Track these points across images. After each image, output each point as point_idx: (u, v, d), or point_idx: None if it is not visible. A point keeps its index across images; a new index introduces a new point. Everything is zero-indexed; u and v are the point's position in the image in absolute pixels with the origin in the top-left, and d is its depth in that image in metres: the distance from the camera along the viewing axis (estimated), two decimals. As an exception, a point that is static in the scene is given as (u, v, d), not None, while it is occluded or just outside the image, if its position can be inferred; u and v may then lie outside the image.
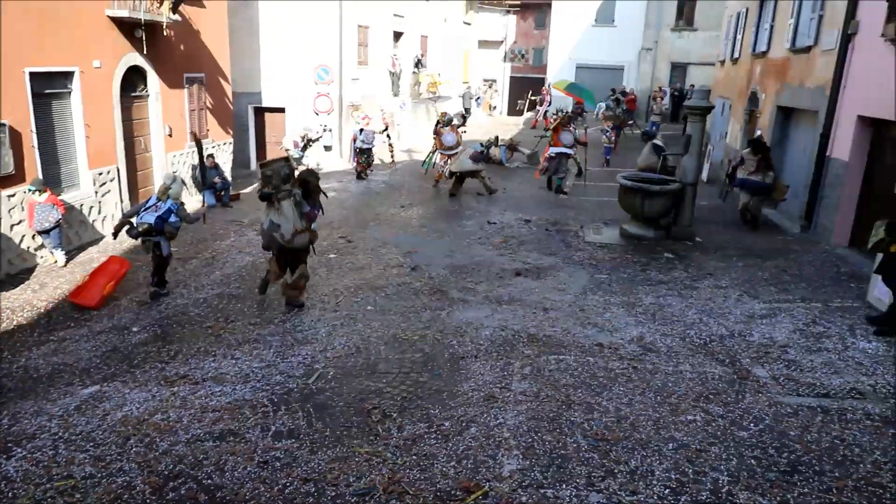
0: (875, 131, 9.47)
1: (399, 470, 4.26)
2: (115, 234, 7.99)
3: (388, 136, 16.68)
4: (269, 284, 7.77)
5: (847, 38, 9.95)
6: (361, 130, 15.84)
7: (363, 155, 15.94)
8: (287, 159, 7.53)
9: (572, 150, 14.22)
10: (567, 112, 17.27)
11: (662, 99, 27.45)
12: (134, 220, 7.78)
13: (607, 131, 18.68)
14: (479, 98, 31.27)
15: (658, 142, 13.68)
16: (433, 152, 15.01)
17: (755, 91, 14.73)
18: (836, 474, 4.22)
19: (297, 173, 7.45)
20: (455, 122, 15.45)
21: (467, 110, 30.18)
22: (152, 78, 12.21)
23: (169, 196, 7.80)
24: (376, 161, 16.74)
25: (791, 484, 4.11)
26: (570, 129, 14.61)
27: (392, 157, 17.29)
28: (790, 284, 8.20)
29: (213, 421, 4.95)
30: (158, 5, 11.36)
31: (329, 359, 6.06)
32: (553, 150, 14.30)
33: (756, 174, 11.07)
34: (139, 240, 7.90)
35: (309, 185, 7.37)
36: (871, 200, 9.41)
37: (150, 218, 7.65)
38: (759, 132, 13.50)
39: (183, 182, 8.99)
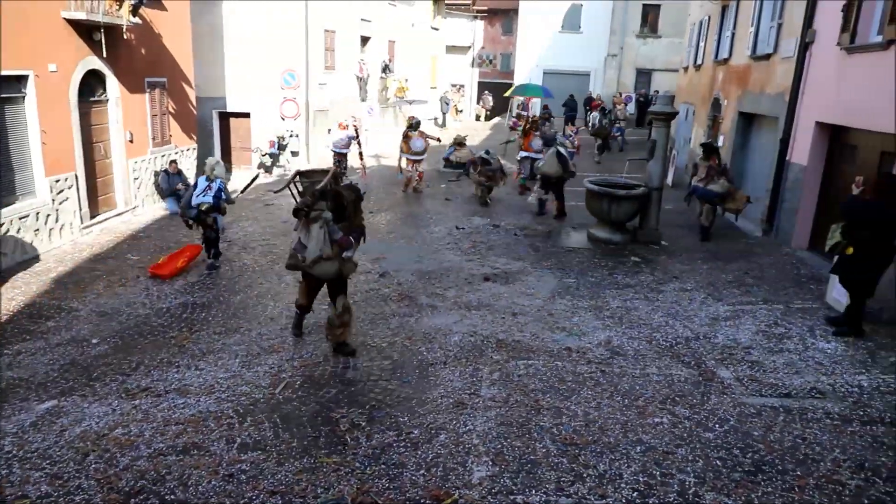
0: (832, 137, 9.73)
1: (368, 480, 4.21)
2: (192, 225, 9.17)
3: (358, 142, 16.54)
4: (302, 320, 6.65)
5: (805, 47, 10.21)
6: (330, 131, 16.03)
7: (337, 160, 15.96)
8: (336, 175, 6.11)
9: (540, 154, 14.35)
10: (535, 116, 17.33)
11: (626, 105, 27.79)
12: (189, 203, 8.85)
13: (570, 136, 18.68)
14: (448, 102, 31.36)
15: (563, 150, 12.60)
16: (403, 160, 14.92)
17: (718, 97, 15.03)
18: (798, 473, 4.30)
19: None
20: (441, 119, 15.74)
21: (444, 115, 30.37)
22: (112, 82, 11.95)
23: (217, 176, 8.93)
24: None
25: (755, 483, 4.17)
26: (539, 134, 14.78)
27: (363, 164, 17.06)
28: (753, 287, 8.36)
29: (176, 434, 4.84)
30: (118, 8, 11.12)
31: (296, 367, 5.98)
32: (523, 154, 14.54)
33: (706, 181, 10.67)
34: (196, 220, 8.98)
35: (343, 201, 6.06)
36: (829, 204, 9.65)
37: (208, 199, 8.82)
38: (722, 139, 13.77)
39: (222, 165, 9.70)
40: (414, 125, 14.54)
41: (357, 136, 16.00)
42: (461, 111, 34.89)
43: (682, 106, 18.97)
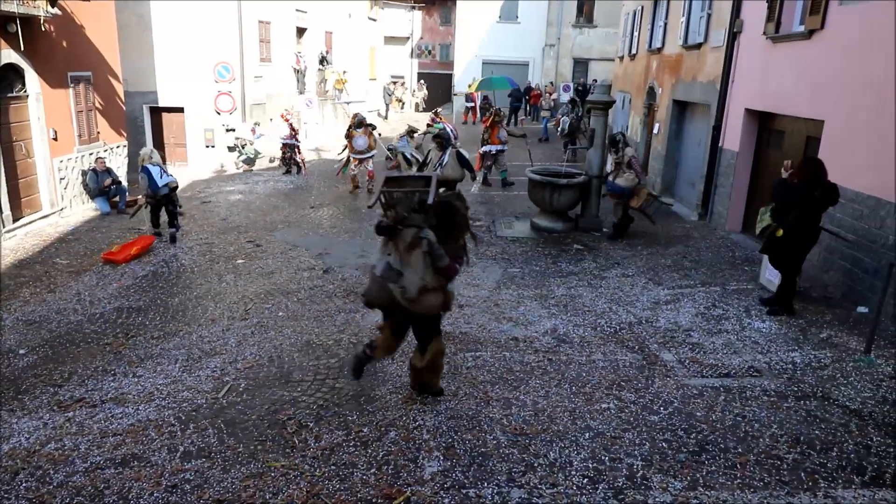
0: (761, 123, 10.09)
1: (318, 482, 4.12)
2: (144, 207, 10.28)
3: (295, 138, 16.31)
4: (369, 361, 5.19)
5: (733, 36, 10.55)
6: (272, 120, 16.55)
7: (287, 151, 16.20)
8: (427, 179, 4.77)
9: (505, 146, 14.41)
10: (500, 109, 17.02)
11: (550, 95, 28.08)
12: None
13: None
14: (391, 93, 31.14)
15: (464, 151, 12.04)
16: (345, 154, 14.46)
17: (652, 86, 15.39)
18: (739, 450, 4.44)
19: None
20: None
21: (388, 106, 30.09)
22: (31, 77, 11.34)
23: (156, 163, 10.06)
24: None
25: (699, 463, 4.28)
26: (504, 126, 14.82)
27: (302, 163, 16.65)
28: (691, 270, 8.60)
29: (114, 446, 4.63)
30: (35, -1, 10.55)
31: (240, 370, 5.81)
32: (492, 148, 14.36)
33: (615, 175, 9.89)
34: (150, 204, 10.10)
35: (455, 217, 4.74)
36: (759, 188, 10.02)
37: (172, 178, 10.14)
38: (657, 126, 14.10)
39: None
40: (357, 123, 13.87)
41: (295, 131, 15.93)
42: (403, 103, 34.67)
43: (618, 94, 19.37)
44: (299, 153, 16.57)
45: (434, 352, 4.91)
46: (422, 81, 35.58)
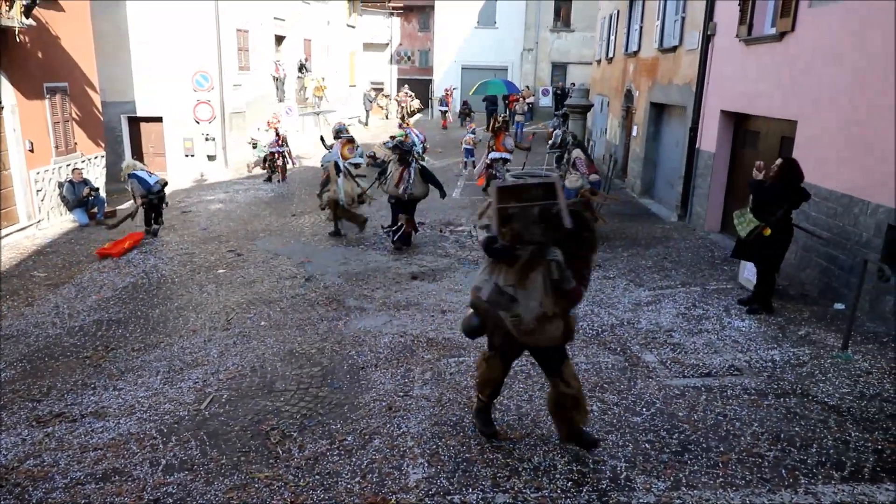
0: (736, 124, 10.23)
1: (302, 492, 4.11)
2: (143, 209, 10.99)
3: (284, 144, 16.45)
4: (491, 410, 4.70)
5: (707, 39, 10.69)
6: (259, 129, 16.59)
7: (273, 159, 16.30)
8: (551, 187, 3.95)
9: (511, 155, 14.11)
10: (504, 116, 16.65)
11: (524, 99, 28.11)
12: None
13: (473, 132, 18.29)
14: (371, 100, 31.06)
15: (429, 163, 11.16)
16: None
17: (630, 88, 15.54)
18: (721, 449, 4.48)
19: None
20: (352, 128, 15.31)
21: (368, 113, 29.95)
22: (6, 88, 11.20)
23: (141, 168, 11.15)
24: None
25: (682, 463, 4.32)
26: (509, 133, 14.49)
27: (291, 161, 16.95)
28: (671, 271, 8.69)
29: (94, 461, 4.57)
30: (8, 9, 10.41)
31: (222, 381, 5.77)
32: (497, 155, 13.85)
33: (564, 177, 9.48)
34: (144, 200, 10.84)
35: (584, 231, 4.02)
36: (737, 188, 10.15)
37: (157, 178, 11.18)
38: (636, 129, 14.23)
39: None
40: (335, 131, 12.90)
41: (282, 138, 16.03)
42: (387, 112, 34.05)
43: (596, 98, 19.53)
44: (290, 158, 16.83)
45: (570, 376, 4.17)
46: (406, 89, 34.42)
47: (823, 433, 4.64)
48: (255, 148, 17.61)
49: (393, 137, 15.83)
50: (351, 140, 13.54)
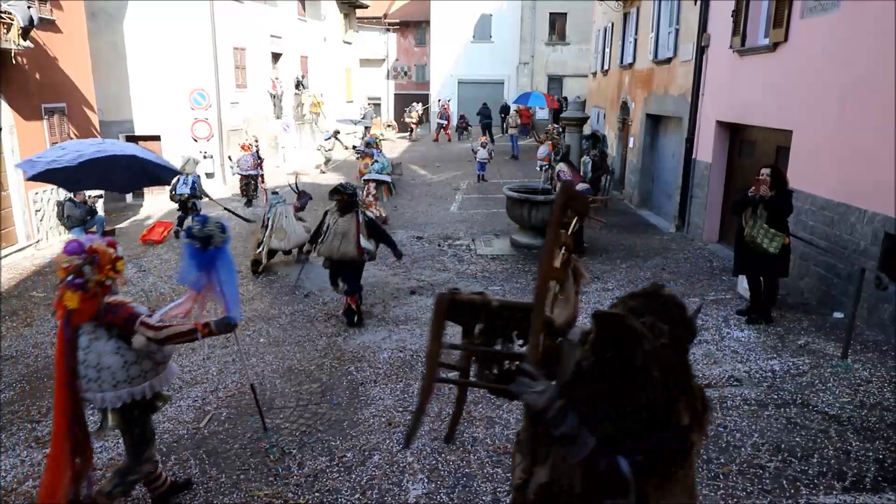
0: (732, 134, 10.28)
1: (301, 510, 4.09)
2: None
3: (260, 166, 15.43)
4: None
5: (701, 50, 10.77)
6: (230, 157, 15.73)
7: (248, 182, 15.45)
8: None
9: (545, 164, 14.06)
10: (554, 126, 16.32)
11: (518, 114, 28.25)
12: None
13: (485, 144, 18.49)
14: (366, 117, 31.05)
15: (371, 214, 8.88)
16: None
17: (626, 100, 15.63)
18: (722, 460, 4.47)
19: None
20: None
21: (367, 128, 29.85)
22: (4, 110, 11.25)
23: (189, 172, 11.75)
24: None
25: (683, 475, 4.30)
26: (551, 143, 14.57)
27: (263, 192, 15.39)
28: (669, 282, 8.69)
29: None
30: (6, 31, 10.49)
31: (221, 399, 5.76)
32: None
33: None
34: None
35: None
36: (734, 198, 10.17)
37: (185, 190, 11.70)
38: (632, 140, 14.28)
39: (196, 161, 12.47)
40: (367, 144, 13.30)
41: (261, 160, 15.18)
42: (389, 127, 33.56)
43: (593, 110, 19.63)
44: (263, 183, 15.72)
45: None
46: (416, 102, 32.29)
47: (824, 443, 4.63)
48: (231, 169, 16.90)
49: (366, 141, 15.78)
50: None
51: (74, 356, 3.59)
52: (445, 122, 28.96)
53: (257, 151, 15.41)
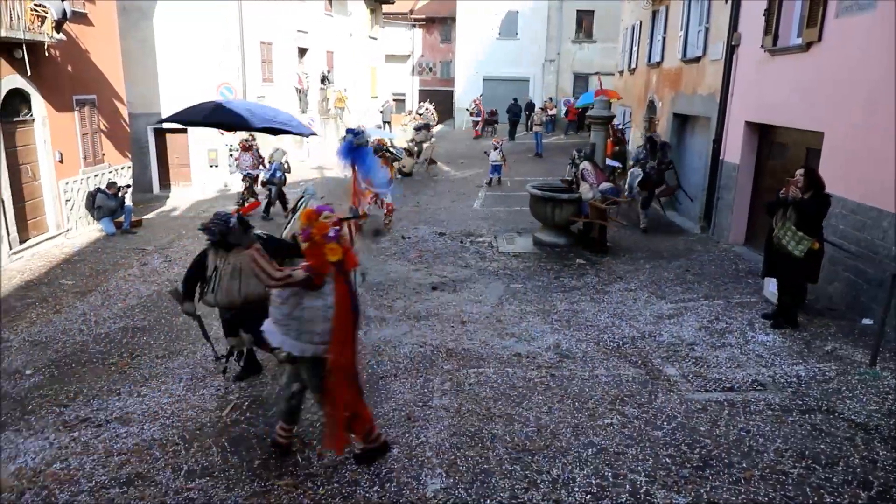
0: (761, 135, 10.13)
1: (321, 500, 4.13)
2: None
3: (262, 166, 14.03)
4: None
5: (731, 49, 10.61)
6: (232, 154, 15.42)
7: (248, 181, 14.31)
8: None
9: (616, 163, 13.50)
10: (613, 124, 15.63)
11: (550, 110, 28.07)
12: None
13: (497, 147, 17.38)
14: (386, 112, 31.07)
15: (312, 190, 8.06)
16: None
17: (653, 99, 15.47)
18: (744, 465, 4.42)
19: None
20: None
21: (387, 123, 29.81)
22: (37, 101, 11.47)
23: (274, 160, 13.54)
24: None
25: (703, 479, 4.27)
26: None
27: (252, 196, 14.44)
28: (694, 284, 8.60)
29: (118, 465, 4.64)
30: (40, 24, 10.68)
31: (243, 389, 5.83)
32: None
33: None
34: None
35: None
36: (761, 200, 10.03)
37: (265, 174, 13.49)
38: (639, 143, 14.15)
39: (283, 152, 14.00)
40: (376, 149, 12.10)
41: (262, 159, 13.98)
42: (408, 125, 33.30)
43: (619, 109, 19.46)
44: (257, 184, 14.44)
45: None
46: (428, 100, 31.79)
47: (850, 451, 4.55)
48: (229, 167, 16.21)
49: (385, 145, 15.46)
50: (393, 158, 13.93)
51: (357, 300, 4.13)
52: (479, 119, 28.74)
53: (257, 150, 14.14)
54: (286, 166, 13.80)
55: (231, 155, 16.33)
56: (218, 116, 7.48)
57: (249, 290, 5.33)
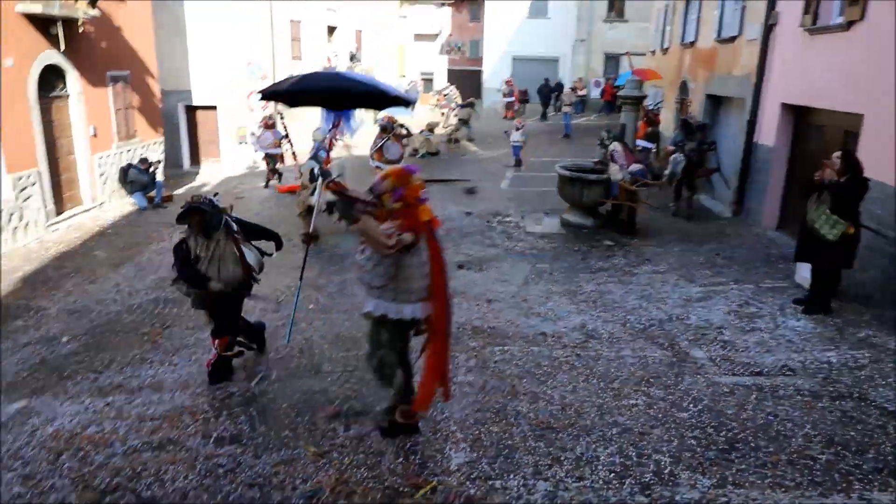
0: (797, 118, 9.89)
1: (346, 469, 4.20)
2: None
3: (289, 141, 13.40)
4: None
5: (769, 29, 10.34)
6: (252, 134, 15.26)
7: (270, 161, 14.63)
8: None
9: (651, 144, 13.46)
10: (646, 106, 14.94)
11: (580, 90, 27.65)
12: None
13: (519, 128, 17.05)
14: (411, 91, 30.88)
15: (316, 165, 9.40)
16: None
17: (685, 80, 15.18)
18: (771, 449, 4.38)
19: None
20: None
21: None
22: (72, 77, 11.66)
23: (315, 139, 11.92)
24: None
25: (729, 461, 4.24)
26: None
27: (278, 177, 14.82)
28: (724, 267, 8.48)
29: (151, 430, 4.77)
30: (74, 0, 10.81)
31: (271, 360, 5.93)
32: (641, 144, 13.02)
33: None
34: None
35: None
36: (796, 184, 9.82)
37: (311, 164, 10.41)
38: (671, 124, 13.90)
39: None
40: (387, 127, 11.76)
41: (287, 135, 13.38)
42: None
43: (650, 89, 19.13)
44: (282, 162, 14.76)
45: None
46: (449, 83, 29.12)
47: (881, 439, 4.48)
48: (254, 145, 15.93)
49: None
50: (405, 135, 13.52)
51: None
52: (513, 100, 28.35)
53: (284, 128, 13.44)
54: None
55: (253, 133, 16.38)
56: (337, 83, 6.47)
57: (229, 274, 5.26)
